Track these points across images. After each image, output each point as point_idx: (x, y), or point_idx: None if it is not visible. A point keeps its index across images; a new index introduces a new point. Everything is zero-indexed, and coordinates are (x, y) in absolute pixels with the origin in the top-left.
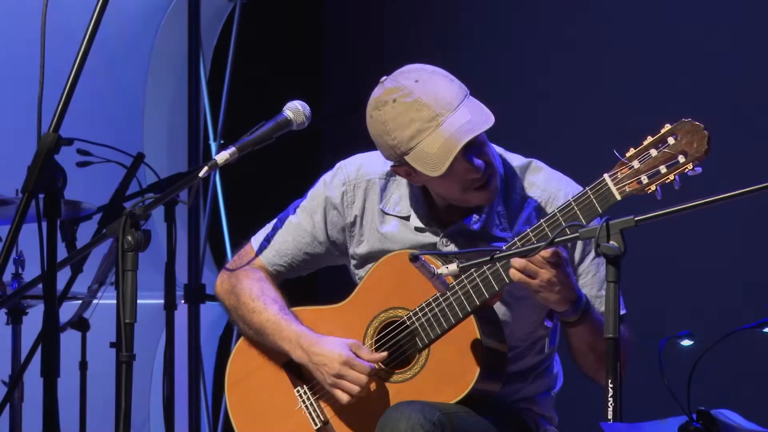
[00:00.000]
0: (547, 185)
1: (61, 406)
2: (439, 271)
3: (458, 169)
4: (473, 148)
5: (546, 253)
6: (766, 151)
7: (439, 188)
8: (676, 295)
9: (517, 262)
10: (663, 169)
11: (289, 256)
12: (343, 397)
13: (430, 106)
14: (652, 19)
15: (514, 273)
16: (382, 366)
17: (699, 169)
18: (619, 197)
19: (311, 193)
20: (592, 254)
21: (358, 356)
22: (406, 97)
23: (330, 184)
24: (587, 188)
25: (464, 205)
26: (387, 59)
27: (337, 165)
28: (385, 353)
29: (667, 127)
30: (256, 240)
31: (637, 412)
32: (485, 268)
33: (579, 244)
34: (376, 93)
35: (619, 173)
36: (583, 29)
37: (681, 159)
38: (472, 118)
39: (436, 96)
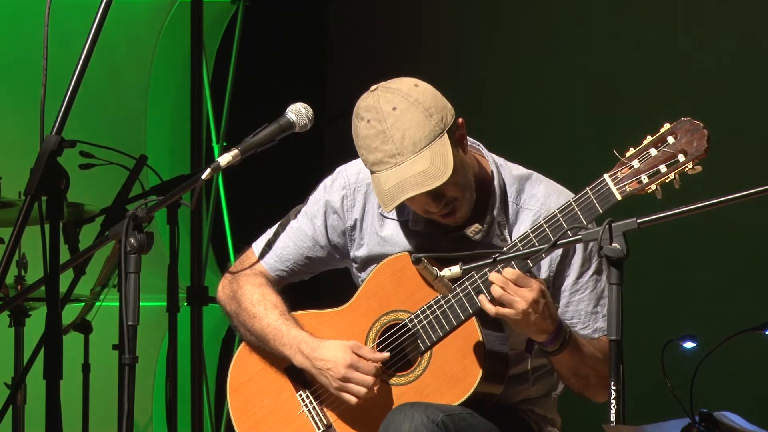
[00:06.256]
0: (547, 199)
1: (64, 409)
2: (442, 273)
3: (419, 200)
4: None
5: (510, 275)
6: None
7: (406, 204)
8: (678, 298)
9: (494, 291)
10: (663, 168)
11: (290, 260)
12: (351, 400)
13: (395, 143)
14: (653, 17)
15: (489, 308)
16: (384, 369)
17: (699, 168)
18: (619, 197)
19: (312, 197)
20: (591, 270)
21: (360, 355)
22: (378, 123)
23: (330, 189)
24: (587, 188)
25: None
26: (390, 62)
27: (338, 169)
28: (387, 354)
29: (667, 126)
30: (257, 246)
31: (639, 414)
32: (486, 269)
33: (577, 259)
34: (362, 101)
35: (619, 173)
36: (583, 28)
37: (681, 158)
38: (429, 169)
39: (404, 134)
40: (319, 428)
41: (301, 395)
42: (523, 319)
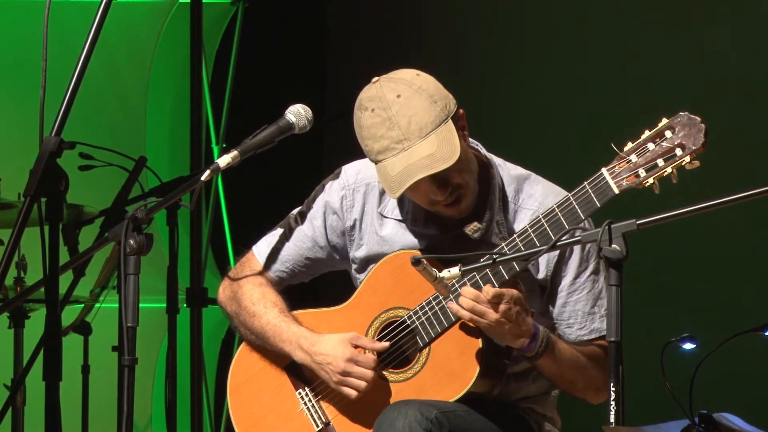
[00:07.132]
0: (545, 199)
1: (64, 410)
2: (441, 274)
3: (424, 189)
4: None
5: (488, 294)
6: None
7: (410, 196)
8: (678, 298)
9: (465, 303)
10: (660, 162)
11: (290, 261)
12: (351, 394)
13: (402, 128)
14: (653, 17)
15: (463, 314)
16: (384, 366)
17: (697, 163)
18: (616, 191)
19: (311, 198)
20: (589, 270)
21: (359, 345)
22: (383, 110)
23: (329, 189)
24: (585, 182)
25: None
26: (390, 62)
27: (337, 170)
28: (386, 343)
29: (665, 120)
30: (258, 248)
31: (639, 415)
32: (487, 269)
33: (575, 260)
34: (364, 93)
35: (616, 167)
36: (583, 28)
37: (678, 152)
38: (436, 152)
39: (410, 119)
40: (317, 426)
41: (300, 393)
42: (496, 327)
